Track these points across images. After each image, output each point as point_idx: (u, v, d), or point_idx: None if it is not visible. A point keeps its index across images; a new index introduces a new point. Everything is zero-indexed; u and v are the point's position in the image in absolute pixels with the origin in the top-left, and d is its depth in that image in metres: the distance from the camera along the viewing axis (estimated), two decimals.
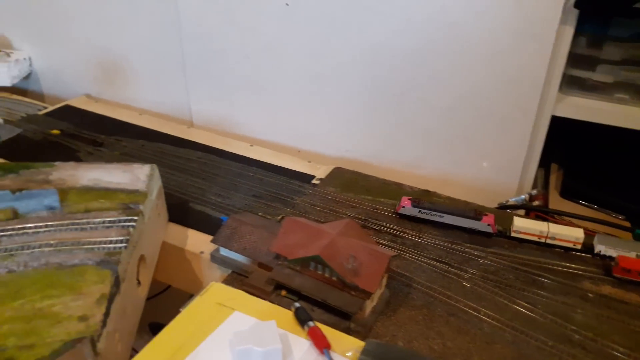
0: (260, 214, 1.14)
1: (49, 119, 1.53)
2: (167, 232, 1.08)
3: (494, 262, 1.03)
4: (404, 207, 1.14)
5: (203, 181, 1.25)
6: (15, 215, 0.87)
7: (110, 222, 0.87)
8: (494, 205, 1.26)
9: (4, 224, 0.85)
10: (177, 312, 0.82)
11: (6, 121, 1.48)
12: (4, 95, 1.71)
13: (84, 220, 0.87)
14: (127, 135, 1.45)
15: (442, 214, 1.11)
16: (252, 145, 1.45)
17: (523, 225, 1.08)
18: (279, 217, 1.13)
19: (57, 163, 1.01)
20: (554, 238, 1.07)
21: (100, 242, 0.83)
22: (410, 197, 1.15)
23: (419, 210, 1.12)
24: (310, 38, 1.32)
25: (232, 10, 1.36)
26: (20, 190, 0.88)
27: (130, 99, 1.66)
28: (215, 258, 0.99)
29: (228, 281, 0.96)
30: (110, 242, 0.83)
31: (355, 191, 1.24)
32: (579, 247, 1.05)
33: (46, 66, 1.78)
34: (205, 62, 1.48)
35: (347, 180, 1.29)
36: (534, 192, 1.23)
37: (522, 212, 1.26)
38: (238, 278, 0.97)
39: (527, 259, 1.04)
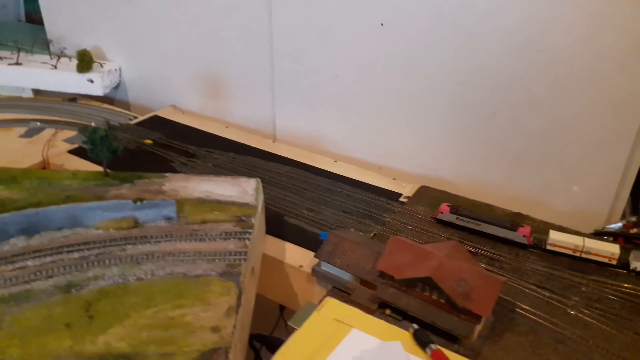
0: (352, 230, 1.15)
1: (140, 129, 1.60)
2: (266, 245, 1.11)
3: (596, 289, 1.01)
4: (442, 212, 1.18)
5: (294, 195, 1.28)
6: (136, 224, 0.91)
7: (226, 234, 0.90)
8: (586, 230, 1.23)
9: (126, 232, 0.89)
10: (277, 323, 0.84)
11: None
12: (95, 104, 1.79)
13: (202, 231, 0.90)
14: (216, 147, 1.49)
15: (478, 222, 1.14)
16: (336, 161, 1.48)
17: (558, 238, 1.09)
18: (371, 234, 1.14)
19: (168, 174, 1.06)
20: (589, 252, 1.08)
21: (220, 254, 0.86)
22: (449, 204, 1.18)
23: (457, 217, 1.16)
24: (403, 58, 1.33)
25: (326, 29, 1.39)
26: (140, 200, 0.92)
27: (216, 111, 1.72)
28: (316, 272, 1.01)
29: (331, 296, 0.98)
30: (230, 253, 0.86)
31: None
32: (614, 262, 1.06)
33: (134, 76, 1.87)
34: (294, 78, 1.51)
35: (435, 200, 1.28)
36: (633, 219, 1.19)
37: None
38: (339, 294, 0.98)
39: (631, 288, 1.01)
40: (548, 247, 1.10)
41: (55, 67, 1.75)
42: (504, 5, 1.17)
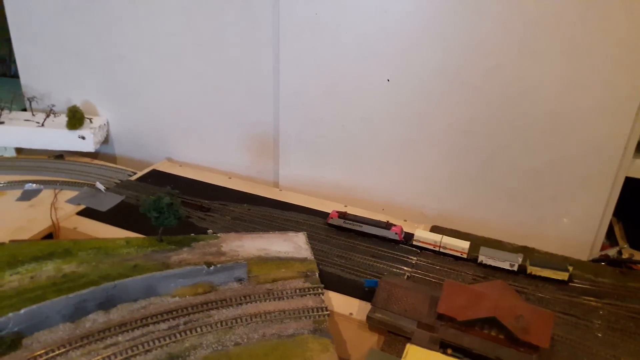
0: (385, 274, 1.22)
1: (143, 184, 1.58)
2: None
3: (612, 312, 1.15)
4: (332, 218, 1.40)
5: (320, 243, 1.32)
6: (212, 289, 0.93)
7: (300, 290, 0.94)
8: (577, 257, 1.38)
9: (204, 297, 0.91)
10: None
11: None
12: (85, 161, 1.74)
13: (276, 290, 0.93)
14: (228, 199, 1.52)
15: (361, 224, 1.37)
16: (346, 206, 1.55)
17: (422, 235, 1.33)
18: (405, 277, 1.22)
19: (220, 234, 1.08)
20: (445, 247, 1.30)
21: (303, 311, 0.90)
22: (337, 210, 1.40)
23: (344, 221, 1.38)
24: (407, 109, 1.45)
25: (334, 85, 1.48)
26: (214, 264, 0.94)
27: (215, 162, 1.74)
28: (371, 319, 1.07)
29: (390, 342, 1.04)
30: (312, 310, 0.90)
31: None
32: (465, 256, 1.29)
33: (123, 130, 1.84)
34: (300, 129, 1.58)
35: None
36: (625, 246, 1.37)
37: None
38: (397, 338, 1.04)
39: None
40: (414, 243, 1.33)
41: (43, 124, 1.69)
42: (503, 63, 1.32)
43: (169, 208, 0.97)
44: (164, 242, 1.03)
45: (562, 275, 1.22)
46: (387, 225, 1.36)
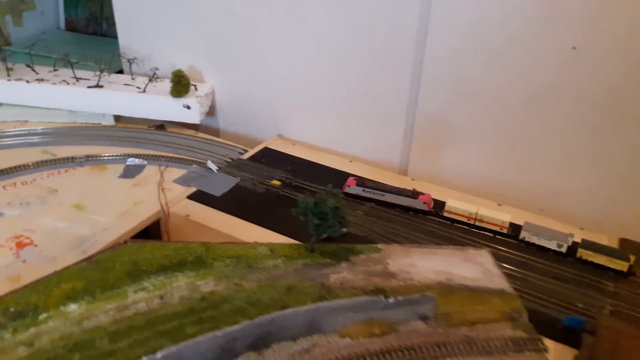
0: (580, 305, 0.94)
1: (257, 165, 1.37)
2: None
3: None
4: (349, 186, 1.22)
5: None
6: (391, 329, 0.69)
7: (513, 342, 0.68)
8: None
9: (383, 341, 0.67)
10: None
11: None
12: (190, 133, 1.54)
13: (480, 340, 0.68)
14: None
15: (383, 193, 1.20)
16: (500, 204, 1.27)
17: (455, 205, 1.15)
18: (607, 311, 0.93)
19: (380, 245, 0.84)
20: (482, 220, 1.12)
21: None
22: (355, 178, 1.24)
23: (363, 189, 1.21)
24: (597, 87, 1.13)
25: (497, 52, 1.19)
26: (394, 296, 0.69)
27: (333, 142, 1.49)
28: None
29: None
30: None
31: None
32: (505, 231, 1.11)
33: (228, 100, 1.63)
34: (444, 106, 1.30)
35: None
36: None
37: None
38: None
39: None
40: (445, 214, 1.16)
41: (144, 90, 1.50)
42: None
43: (335, 213, 0.73)
44: (315, 252, 0.80)
45: (621, 265, 1.01)
46: (414, 194, 1.18)
